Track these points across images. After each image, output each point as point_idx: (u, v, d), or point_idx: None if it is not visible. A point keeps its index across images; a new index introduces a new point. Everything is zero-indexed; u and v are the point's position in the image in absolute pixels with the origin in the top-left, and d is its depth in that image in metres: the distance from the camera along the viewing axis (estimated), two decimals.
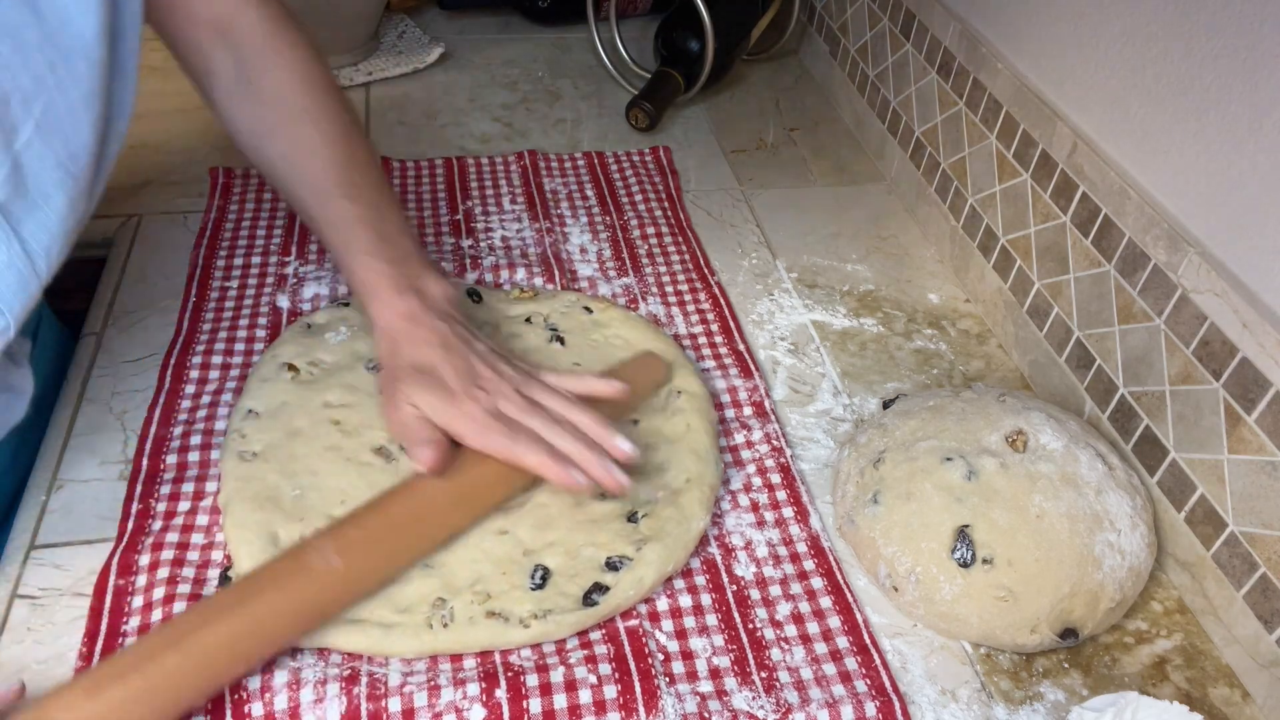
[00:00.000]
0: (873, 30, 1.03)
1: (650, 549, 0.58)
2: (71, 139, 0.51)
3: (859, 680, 0.55)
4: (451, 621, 0.54)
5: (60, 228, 0.53)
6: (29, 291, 0.52)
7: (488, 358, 0.61)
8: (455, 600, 0.56)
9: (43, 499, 0.61)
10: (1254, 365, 0.56)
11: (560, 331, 0.73)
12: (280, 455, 0.61)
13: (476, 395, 0.58)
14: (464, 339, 0.61)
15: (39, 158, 0.50)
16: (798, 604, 0.59)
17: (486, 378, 0.59)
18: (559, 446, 0.57)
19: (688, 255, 0.86)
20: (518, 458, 0.56)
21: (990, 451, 0.61)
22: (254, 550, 0.56)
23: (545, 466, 0.56)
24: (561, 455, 0.56)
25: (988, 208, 0.83)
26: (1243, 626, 0.58)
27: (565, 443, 0.57)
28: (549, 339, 0.73)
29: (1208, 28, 0.61)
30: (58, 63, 0.50)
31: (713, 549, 0.62)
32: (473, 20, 1.23)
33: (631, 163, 0.97)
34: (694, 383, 0.70)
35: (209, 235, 0.82)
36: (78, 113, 0.51)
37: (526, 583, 0.57)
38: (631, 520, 0.61)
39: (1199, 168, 0.62)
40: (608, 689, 0.53)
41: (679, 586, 0.59)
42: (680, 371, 0.71)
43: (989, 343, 0.82)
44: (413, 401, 0.58)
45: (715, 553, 0.61)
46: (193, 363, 0.70)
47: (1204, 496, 0.60)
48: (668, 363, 0.70)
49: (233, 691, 0.51)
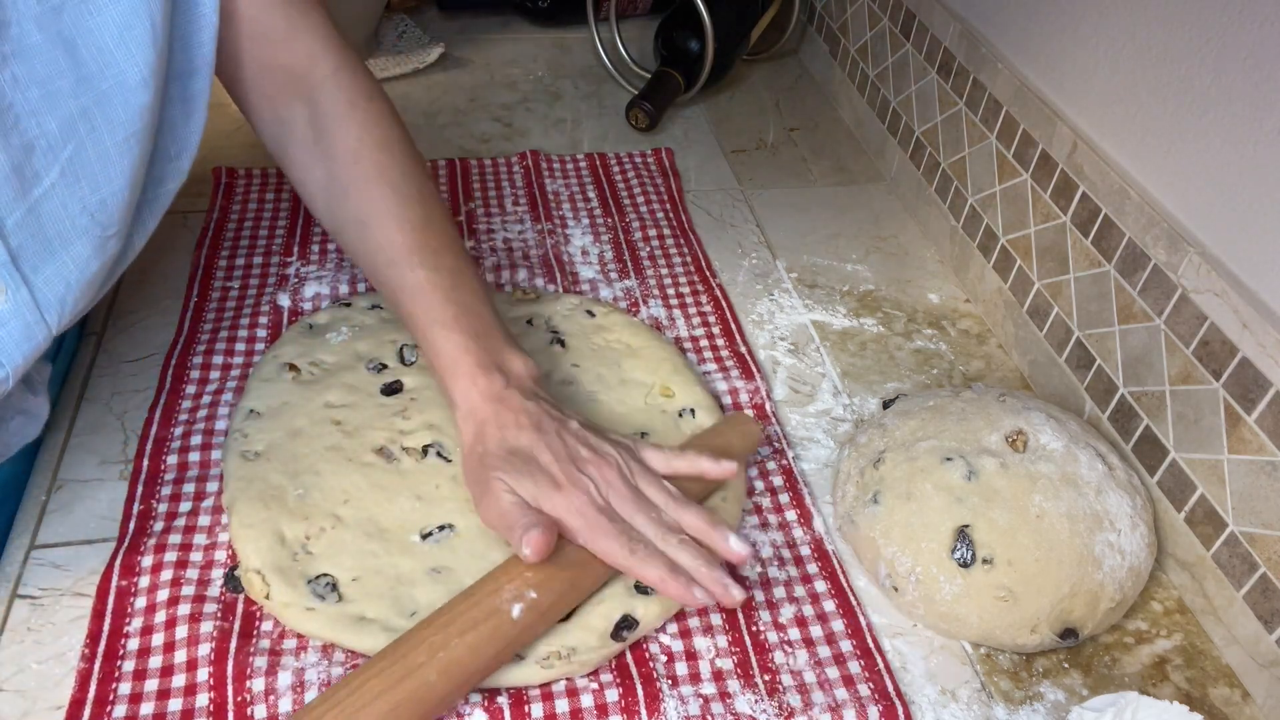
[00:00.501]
0: (873, 30, 1.03)
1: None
2: (101, 185, 0.50)
3: (862, 684, 0.55)
4: None
5: (80, 276, 0.51)
6: (34, 343, 0.50)
7: (587, 440, 0.56)
8: None
9: (43, 499, 0.61)
10: (1254, 365, 0.56)
11: (561, 334, 0.73)
12: (282, 455, 0.61)
13: (582, 483, 0.54)
14: (557, 419, 0.57)
15: (61, 205, 0.49)
16: (801, 607, 0.59)
17: (588, 460, 0.55)
18: (676, 560, 0.52)
19: (689, 257, 0.86)
20: (634, 570, 0.52)
21: (990, 451, 0.61)
22: (260, 549, 0.56)
23: (665, 585, 0.51)
24: (679, 569, 0.52)
25: (988, 208, 0.83)
26: (1243, 626, 0.58)
27: (682, 555, 0.52)
28: (549, 341, 0.73)
29: (1208, 28, 0.61)
30: (91, 109, 0.49)
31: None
32: (473, 20, 1.23)
33: (634, 164, 0.97)
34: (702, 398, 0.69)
35: (211, 235, 0.82)
36: (110, 159, 0.50)
37: None
38: None
39: (1199, 168, 0.62)
40: (609, 693, 0.53)
41: None
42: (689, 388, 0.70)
43: (989, 343, 0.82)
44: (512, 489, 0.54)
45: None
46: (194, 363, 0.70)
47: (1204, 496, 0.60)
48: (760, 425, 0.66)
49: (236, 694, 0.51)
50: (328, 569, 0.56)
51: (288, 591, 0.54)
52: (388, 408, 0.65)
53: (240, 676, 0.51)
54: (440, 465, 0.62)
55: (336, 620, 0.53)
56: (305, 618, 0.54)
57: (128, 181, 0.51)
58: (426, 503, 0.60)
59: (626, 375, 0.71)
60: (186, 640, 0.53)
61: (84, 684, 0.51)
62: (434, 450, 0.63)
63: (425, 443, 0.63)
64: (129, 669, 0.52)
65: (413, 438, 0.63)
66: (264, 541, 0.56)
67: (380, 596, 0.55)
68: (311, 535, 0.57)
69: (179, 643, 0.53)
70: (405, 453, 0.62)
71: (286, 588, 0.54)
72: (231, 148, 0.93)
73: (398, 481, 0.61)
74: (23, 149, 0.47)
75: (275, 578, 0.55)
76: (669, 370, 0.71)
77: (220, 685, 0.51)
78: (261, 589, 0.55)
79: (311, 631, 0.54)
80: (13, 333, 0.49)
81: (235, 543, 0.57)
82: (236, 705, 0.51)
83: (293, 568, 0.55)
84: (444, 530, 0.59)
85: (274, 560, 0.55)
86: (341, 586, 0.55)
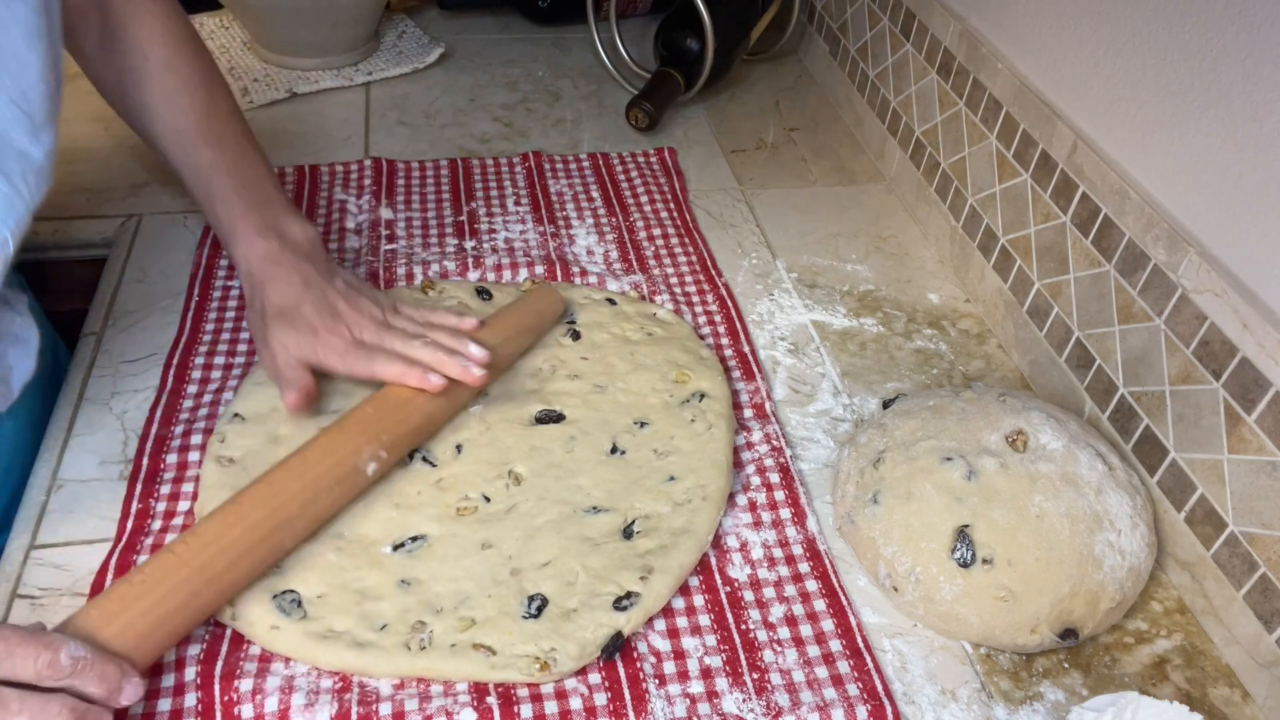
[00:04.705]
0: (873, 30, 1.03)
1: (658, 580, 0.56)
2: (20, 77, 0.53)
3: (851, 684, 0.55)
4: (430, 646, 0.53)
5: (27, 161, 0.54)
6: (17, 212, 0.54)
7: (346, 294, 0.65)
8: (436, 624, 0.54)
9: (43, 499, 0.61)
10: (1254, 365, 0.56)
11: (577, 323, 0.73)
12: (258, 462, 0.60)
13: (338, 329, 0.62)
14: (325, 275, 0.65)
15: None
16: (792, 606, 0.59)
17: (345, 312, 0.63)
18: (414, 356, 0.61)
19: (694, 256, 0.86)
20: (376, 373, 0.61)
21: (990, 451, 0.61)
22: None
23: (403, 375, 0.61)
24: (417, 362, 0.61)
25: (988, 208, 0.83)
26: (1243, 626, 0.58)
27: (419, 352, 0.62)
28: (564, 332, 0.73)
29: (1207, 28, 0.61)
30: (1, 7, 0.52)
31: (707, 550, 0.61)
32: (473, 20, 1.23)
33: (637, 164, 0.97)
34: (718, 384, 0.69)
35: (213, 234, 0.82)
36: (21, 53, 0.53)
37: (518, 610, 0.55)
38: (627, 536, 0.59)
39: (1199, 168, 0.62)
40: (598, 696, 0.53)
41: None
42: (705, 372, 0.70)
43: (989, 343, 0.82)
44: (281, 342, 0.62)
45: (710, 553, 0.61)
46: (195, 362, 0.70)
47: (1204, 496, 0.60)
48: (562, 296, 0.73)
49: (223, 694, 0.51)
50: (294, 584, 0.55)
51: (252, 609, 0.53)
52: None
53: (228, 676, 0.51)
54: (425, 471, 0.62)
55: (302, 638, 0.52)
56: (270, 636, 0.53)
57: (40, 74, 0.54)
58: (404, 510, 0.59)
59: (641, 361, 0.71)
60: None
61: None
62: (420, 455, 0.63)
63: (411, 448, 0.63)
64: None
65: None
66: None
67: (346, 612, 0.54)
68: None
69: None
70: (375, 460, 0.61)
71: (251, 605, 0.53)
72: None
73: (377, 488, 0.60)
74: None
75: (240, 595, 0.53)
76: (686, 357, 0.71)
77: (208, 685, 0.51)
78: (227, 609, 0.53)
79: (278, 649, 0.53)
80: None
81: None
82: (224, 705, 0.51)
83: (258, 584, 0.54)
84: (416, 541, 0.58)
85: None
86: (306, 603, 0.54)
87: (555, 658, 0.53)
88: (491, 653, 0.53)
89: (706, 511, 0.61)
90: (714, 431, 0.66)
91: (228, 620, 0.54)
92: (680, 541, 0.59)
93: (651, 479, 0.63)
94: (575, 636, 0.54)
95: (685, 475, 0.63)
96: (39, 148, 0.55)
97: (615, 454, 0.64)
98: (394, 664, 0.52)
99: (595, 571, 0.57)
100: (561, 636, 0.54)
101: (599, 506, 0.61)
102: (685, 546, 0.59)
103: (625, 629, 0.55)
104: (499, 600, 0.55)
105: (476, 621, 0.54)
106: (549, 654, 0.53)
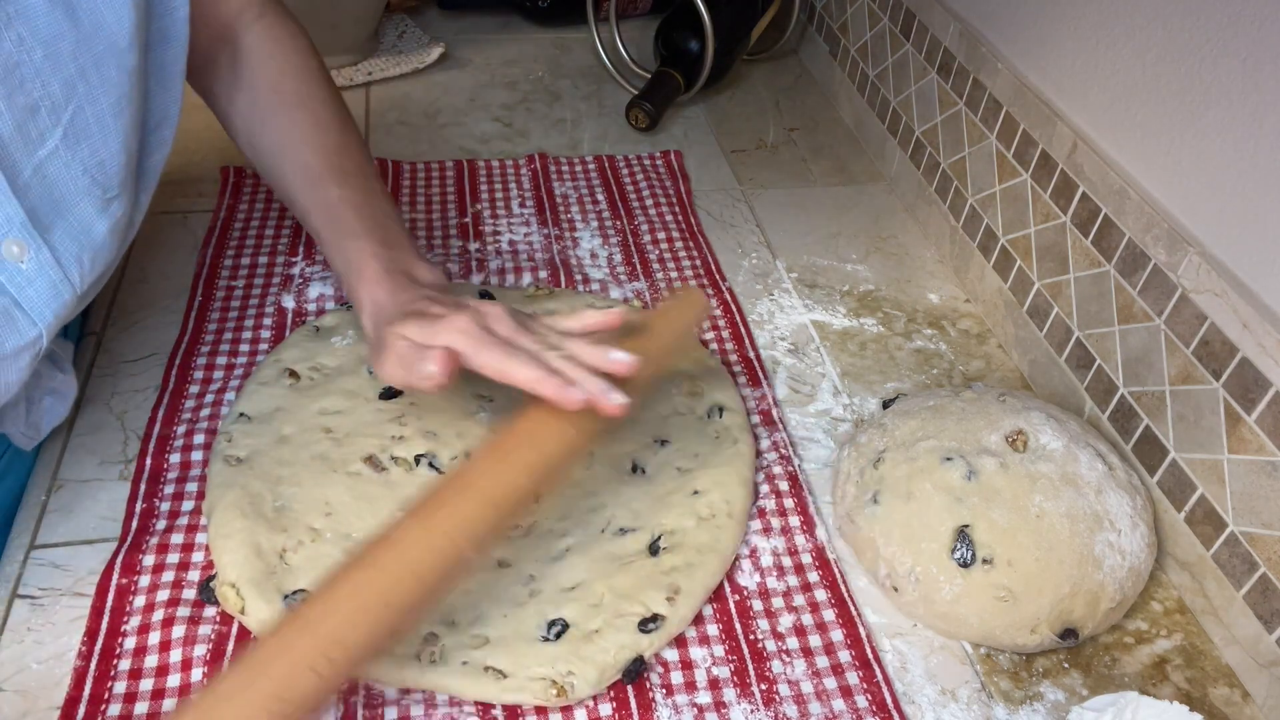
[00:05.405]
0: (873, 30, 1.03)
1: (684, 604, 0.56)
2: (99, 147, 0.51)
3: (860, 695, 0.54)
4: (440, 660, 0.52)
5: (88, 239, 0.52)
6: (62, 300, 0.52)
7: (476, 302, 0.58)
8: (448, 638, 0.53)
9: (43, 499, 0.61)
10: (1254, 365, 0.56)
11: None
12: (265, 462, 0.60)
13: (467, 311, 0.55)
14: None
15: (65, 165, 0.50)
16: (800, 616, 0.58)
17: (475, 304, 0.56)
18: (554, 364, 0.53)
19: (699, 260, 0.85)
20: (511, 373, 0.52)
21: (990, 451, 0.61)
22: (236, 560, 0.54)
23: (541, 383, 0.52)
24: (557, 372, 0.52)
25: (988, 208, 0.83)
26: (1243, 626, 0.58)
27: (563, 364, 0.53)
28: None
29: (1208, 28, 0.61)
30: (89, 69, 0.50)
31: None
32: (473, 20, 1.23)
33: (642, 167, 0.97)
34: (732, 397, 0.69)
35: (217, 234, 0.82)
36: (105, 120, 0.51)
37: (535, 633, 0.53)
38: (653, 552, 0.58)
39: (1199, 168, 0.62)
40: (603, 707, 0.53)
41: None
42: (717, 383, 0.70)
43: (989, 343, 0.82)
44: (399, 333, 0.55)
45: None
46: (198, 363, 0.70)
47: (1204, 496, 0.60)
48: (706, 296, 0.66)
49: None
50: (304, 584, 0.54)
51: (263, 607, 0.53)
52: (385, 413, 0.64)
53: None
54: (431, 477, 0.61)
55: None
56: None
57: (122, 144, 0.52)
58: None
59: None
60: (183, 640, 0.53)
61: (80, 682, 0.51)
62: (426, 460, 0.62)
63: (418, 452, 0.62)
64: (125, 668, 0.52)
65: (406, 446, 0.62)
66: (241, 553, 0.55)
67: None
68: (289, 548, 0.56)
69: (175, 642, 0.53)
70: (395, 462, 0.61)
71: (261, 603, 0.53)
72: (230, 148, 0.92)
73: (384, 493, 0.60)
74: (27, 109, 0.48)
75: (250, 591, 0.53)
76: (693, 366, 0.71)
77: None
78: (236, 603, 0.53)
79: None
80: (40, 291, 0.50)
81: (212, 552, 0.56)
82: None
83: (269, 581, 0.54)
84: None
85: (250, 573, 0.54)
86: None
87: (572, 682, 0.52)
88: (502, 675, 0.52)
89: (731, 529, 0.60)
90: (739, 448, 0.65)
91: (236, 614, 0.54)
92: (706, 560, 0.58)
93: (676, 495, 0.62)
94: (595, 660, 0.52)
95: (710, 489, 0.62)
96: (105, 220, 0.53)
97: (636, 472, 0.64)
98: (402, 674, 0.52)
99: (621, 591, 0.56)
100: (581, 659, 0.52)
101: (625, 527, 0.59)
102: (710, 567, 0.58)
103: (647, 653, 0.54)
104: (515, 621, 0.54)
105: (490, 640, 0.53)
106: (566, 678, 0.52)
